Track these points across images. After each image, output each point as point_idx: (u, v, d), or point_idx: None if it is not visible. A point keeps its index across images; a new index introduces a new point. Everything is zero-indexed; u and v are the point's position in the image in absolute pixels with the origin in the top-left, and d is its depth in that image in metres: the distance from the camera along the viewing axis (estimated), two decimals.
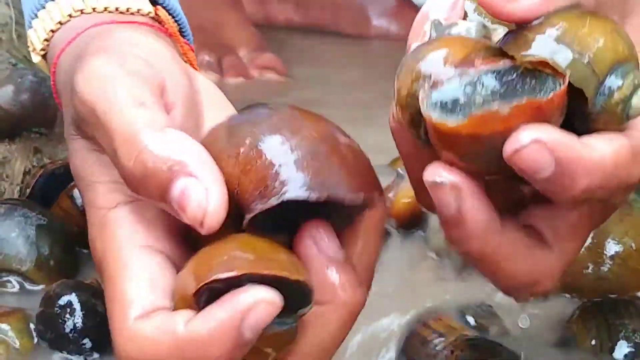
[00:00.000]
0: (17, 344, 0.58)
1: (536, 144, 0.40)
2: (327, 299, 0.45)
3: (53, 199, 0.66)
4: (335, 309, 0.45)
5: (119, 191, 0.46)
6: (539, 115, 0.41)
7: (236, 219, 0.44)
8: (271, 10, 1.10)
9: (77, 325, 0.58)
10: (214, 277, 0.42)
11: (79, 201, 0.66)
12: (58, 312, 0.58)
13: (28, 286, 0.63)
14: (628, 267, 0.60)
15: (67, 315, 0.58)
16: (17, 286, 0.64)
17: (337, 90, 0.95)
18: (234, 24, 1.03)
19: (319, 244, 0.45)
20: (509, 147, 0.41)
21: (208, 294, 0.43)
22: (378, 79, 1.00)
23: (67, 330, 0.58)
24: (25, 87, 0.69)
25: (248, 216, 0.43)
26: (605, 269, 0.60)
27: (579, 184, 0.41)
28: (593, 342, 0.57)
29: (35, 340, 0.59)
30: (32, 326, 0.59)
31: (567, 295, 0.61)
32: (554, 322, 0.60)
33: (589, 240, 0.60)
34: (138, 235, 0.46)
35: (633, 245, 0.60)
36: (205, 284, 0.42)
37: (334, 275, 0.45)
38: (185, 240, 0.46)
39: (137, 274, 0.45)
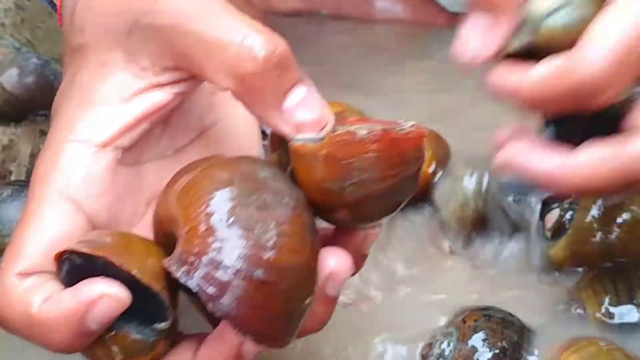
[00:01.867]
0: None
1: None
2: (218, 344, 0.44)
3: None
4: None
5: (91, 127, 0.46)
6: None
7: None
8: (273, 0, 1.10)
9: None
10: (70, 248, 0.43)
11: None
12: None
13: None
14: (635, 235, 0.60)
15: None
16: None
17: (342, 73, 0.96)
18: (238, 6, 1.02)
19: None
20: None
21: (70, 266, 0.44)
22: (385, 62, 1.00)
23: None
24: (30, 70, 0.69)
25: (165, 264, 0.43)
26: (612, 236, 0.60)
27: None
28: (602, 308, 0.57)
29: None
30: None
31: (577, 269, 0.61)
32: (563, 292, 0.60)
33: (596, 209, 0.60)
34: (73, 185, 0.45)
35: None
36: (62, 252, 0.43)
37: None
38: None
39: (47, 226, 0.45)
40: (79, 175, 0.46)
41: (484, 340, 0.54)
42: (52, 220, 0.45)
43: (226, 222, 0.42)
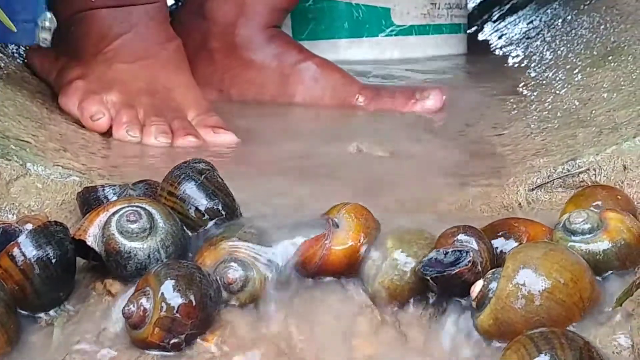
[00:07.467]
0: None
1: None
2: None
3: None
4: None
5: None
6: None
7: None
8: None
9: None
10: None
11: (19, 260, 0.65)
12: None
13: None
14: (557, 300, 0.62)
15: None
16: None
17: (278, 149, 0.97)
18: (182, 88, 1.03)
19: None
20: None
21: None
22: (309, 136, 1.01)
23: None
24: None
25: None
26: (536, 303, 0.62)
27: None
28: None
29: None
30: None
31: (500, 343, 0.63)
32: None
33: (519, 275, 0.62)
34: None
35: (561, 280, 0.62)
36: None
37: None
38: None
39: None
40: None
41: None
42: None
43: None
